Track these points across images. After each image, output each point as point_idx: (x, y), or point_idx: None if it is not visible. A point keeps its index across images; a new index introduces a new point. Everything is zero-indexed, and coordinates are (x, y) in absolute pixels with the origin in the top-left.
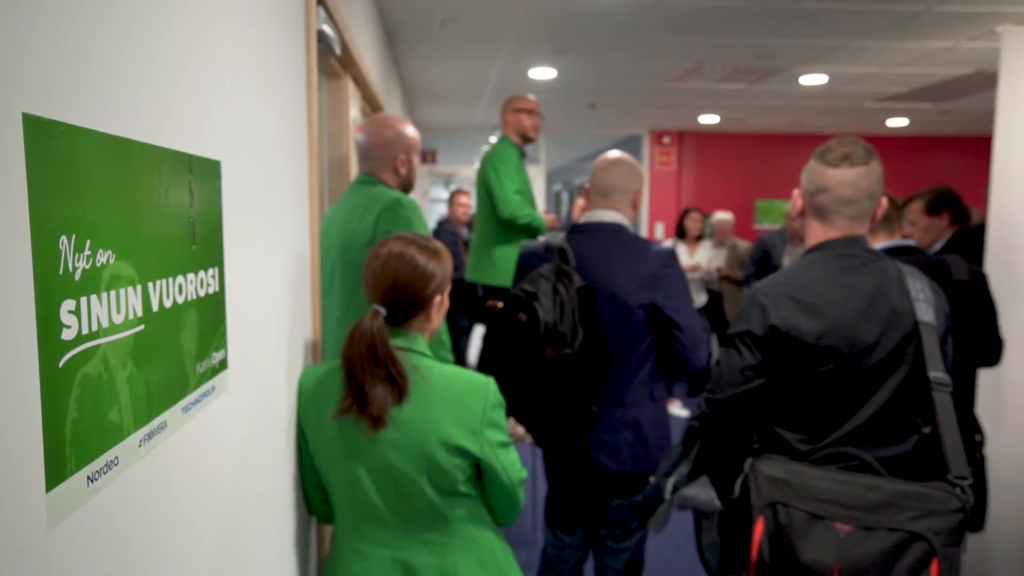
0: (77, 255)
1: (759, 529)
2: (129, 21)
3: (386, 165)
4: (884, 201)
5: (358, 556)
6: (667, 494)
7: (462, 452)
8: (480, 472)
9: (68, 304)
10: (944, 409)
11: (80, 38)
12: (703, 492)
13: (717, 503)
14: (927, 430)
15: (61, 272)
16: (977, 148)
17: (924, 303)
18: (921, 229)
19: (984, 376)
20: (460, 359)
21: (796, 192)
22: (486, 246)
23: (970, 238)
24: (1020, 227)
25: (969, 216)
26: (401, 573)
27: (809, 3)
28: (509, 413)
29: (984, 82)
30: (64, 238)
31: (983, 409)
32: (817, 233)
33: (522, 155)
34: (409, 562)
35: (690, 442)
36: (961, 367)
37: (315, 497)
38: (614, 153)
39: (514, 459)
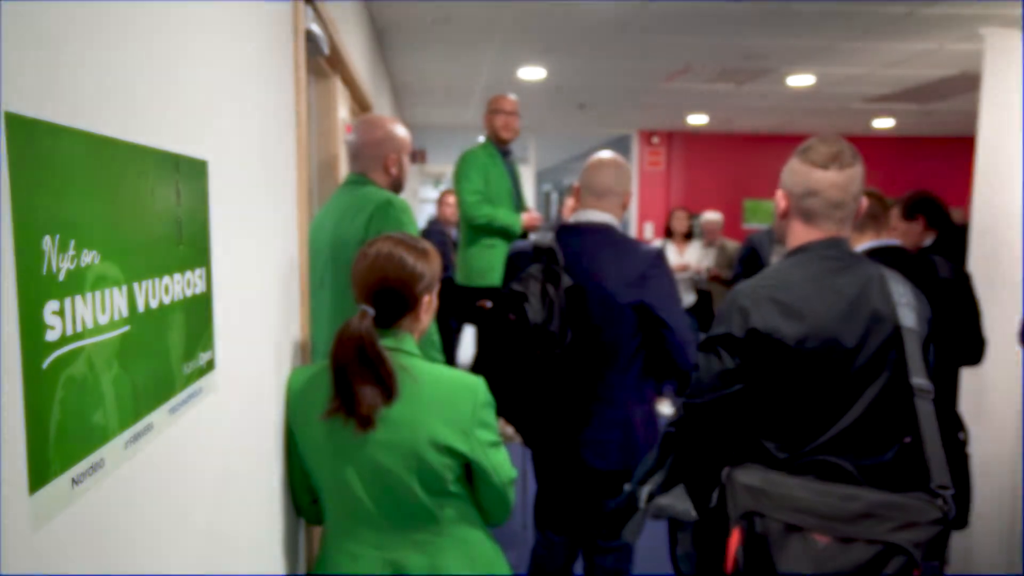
0: (61, 255)
1: (735, 540)
2: (116, 20)
3: (377, 165)
4: (864, 201)
5: (348, 557)
6: (642, 503)
7: (452, 452)
8: (470, 472)
9: (52, 305)
10: (926, 417)
11: (66, 37)
12: (679, 502)
13: (693, 513)
14: (908, 439)
15: (45, 273)
16: (966, 149)
17: (906, 307)
18: (901, 234)
19: (967, 374)
20: (451, 359)
21: (780, 193)
22: (461, 247)
23: (957, 238)
24: (1003, 228)
25: (948, 218)
26: (391, 573)
27: (797, 4)
28: (499, 413)
29: (970, 83)
30: (48, 238)
31: (966, 406)
32: (800, 235)
33: (503, 154)
34: (399, 562)
35: (666, 449)
36: (943, 366)
37: (304, 498)
38: (606, 154)
39: (504, 459)
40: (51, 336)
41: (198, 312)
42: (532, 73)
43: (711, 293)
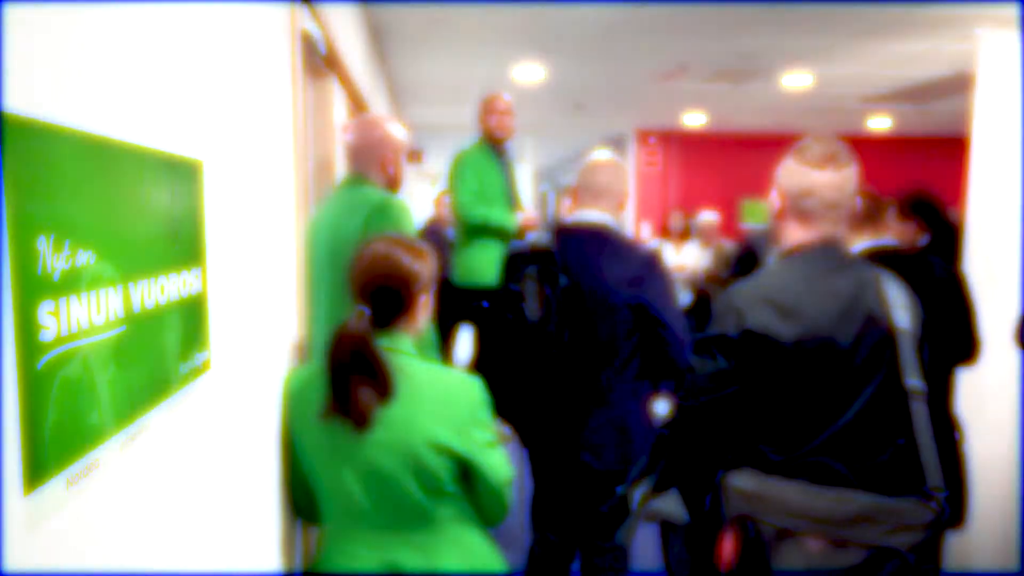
0: (56, 255)
1: (728, 544)
2: (111, 20)
3: (374, 165)
4: (860, 201)
5: (345, 556)
6: (635, 505)
7: (449, 452)
8: (467, 473)
9: (47, 305)
10: (920, 419)
11: (64, 38)
12: (671, 504)
13: (685, 516)
14: (902, 441)
15: (40, 273)
16: (963, 149)
17: (901, 309)
18: (896, 233)
19: (965, 374)
20: (448, 359)
21: (775, 193)
22: (457, 247)
23: (951, 238)
24: (998, 228)
25: (945, 218)
26: (388, 573)
27: (793, 5)
28: (496, 413)
29: (966, 83)
30: (43, 238)
31: (964, 406)
32: (796, 235)
33: (498, 154)
34: (396, 562)
35: (659, 452)
36: (938, 367)
37: (301, 498)
38: (603, 154)
39: (501, 459)
40: (46, 336)
41: (194, 312)
42: (529, 73)
43: (710, 293)
